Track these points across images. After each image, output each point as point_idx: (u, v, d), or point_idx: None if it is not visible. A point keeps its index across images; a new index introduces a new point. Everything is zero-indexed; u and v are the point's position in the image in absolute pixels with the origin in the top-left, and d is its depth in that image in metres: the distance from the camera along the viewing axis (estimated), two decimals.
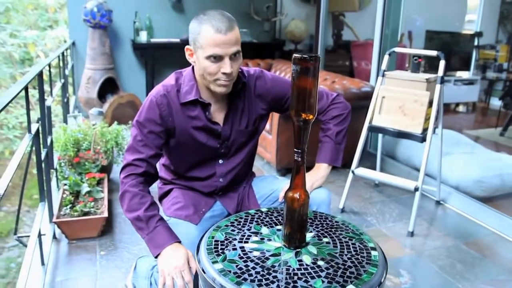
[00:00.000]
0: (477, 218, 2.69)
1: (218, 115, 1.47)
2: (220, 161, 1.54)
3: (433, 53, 2.58)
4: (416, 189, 2.50)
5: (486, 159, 3.33)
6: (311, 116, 1.01)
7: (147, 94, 4.91)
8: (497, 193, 2.96)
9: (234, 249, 1.10)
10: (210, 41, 1.29)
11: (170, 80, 1.46)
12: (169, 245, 1.27)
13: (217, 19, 1.29)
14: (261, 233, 1.18)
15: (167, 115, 1.41)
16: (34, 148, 2.04)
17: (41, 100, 2.22)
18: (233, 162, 1.55)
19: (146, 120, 1.40)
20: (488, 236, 2.51)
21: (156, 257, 1.28)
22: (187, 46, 1.39)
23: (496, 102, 5.93)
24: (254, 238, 1.16)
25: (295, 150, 1.06)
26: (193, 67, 1.45)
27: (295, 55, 0.99)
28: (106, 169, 2.87)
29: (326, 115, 1.61)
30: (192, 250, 1.27)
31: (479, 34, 6.65)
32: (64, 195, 2.50)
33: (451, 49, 6.57)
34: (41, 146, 2.16)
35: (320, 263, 1.05)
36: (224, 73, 1.32)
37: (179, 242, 1.30)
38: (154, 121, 1.40)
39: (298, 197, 1.08)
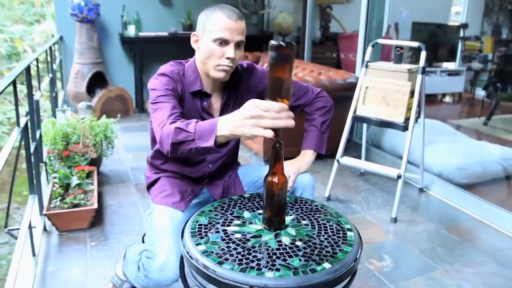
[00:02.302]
0: (458, 204, 2.77)
1: (214, 104, 1.55)
2: None
3: (415, 44, 2.64)
4: (399, 177, 2.57)
5: (468, 147, 3.42)
6: (286, 101, 1.05)
7: (136, 88, 4.96)
8: (478, 180, 3.05)
9: (217, 232, 1.15)
10: (221, 25, 1.38)
11: (173, 64, 1.51)
12: (219, 121, 1.12)
13: (229, 9, 1.41)
14: (243, 217, 1.24)
15: (181, 90, 1.47)
16: (23, 143, 2.08)
17: (29, 94, 2.25)
18: (223, 149, 1.61)
19: (168, 89, 1.40)
20: (468, 221, 2.60)
21: (216, 145, 1.11)
22: (193, 32, 1.47)
23: (481, 93, 6.03)
24: (236, 221, 1.21)
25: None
26: (194, 60, 1.52)
27: (271, 41, 1.03)
28: (95, 162, 2.91)
29: (311, 107, 1.69)
30: (178, 235, 1.32)
31: (464, 26, 6.73)
32: (54, 188, 2.53)
33: (438, 40, 6.63)
34: (30, 139, 2.19)
35: (298, 243, 1.11)
36: (227, 58, 1.40)
37: None
38: (175, 90, 1.43)
39: (277, 181, 1.13)
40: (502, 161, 3.18)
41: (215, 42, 1.39)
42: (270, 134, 1.03)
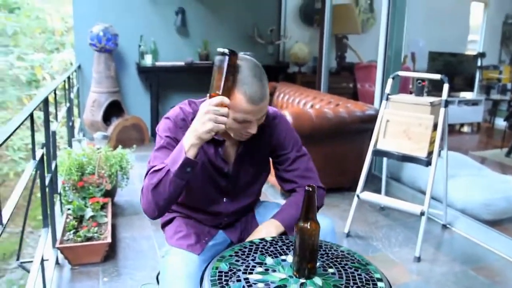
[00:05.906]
0: (484, 243, 2.65)
1: (230, 150, 1.47)
2: (225, 199, 1.52)
3: (437, 76, 2.59)
4: (422, 214, 2.47)
5: (492, 181, 3.30)
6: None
7: (152, 117, 4.96)
8: (504, 216, 2.93)
9: (238, 280, 1.08)
10: (242, 109, 1.26)
11: (185, 106, 1.44)
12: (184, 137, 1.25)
13: (253, 89, 1.25)
14: (265, 264, 1.17)
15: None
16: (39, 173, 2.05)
17: (46, 125, 2.24)
18: (239, 202, 1.54)
19: (174, 139, 1.37)
20: (497, 261, 2.47)
21: (187, 159, 1.22)
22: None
23: (500, 123, 5.91)
24: (258, 269, 1.14)
25: None
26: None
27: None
28: (110, 193, 2.87)
29: (302, 185, 1.53)
30: (194, 280, 1.25)
31: (482, 55, 6.68)
32: (68, 220, 2.49)
33: (455, 69, 6.59)
34: (46, 171, 2.17)
35: None
36: (248, 132, 1.32)
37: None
38: (175, 139, 1.37)
39: (309, 228, 1.07)
40: None
41: (235, 120, 1.28)
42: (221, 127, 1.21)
